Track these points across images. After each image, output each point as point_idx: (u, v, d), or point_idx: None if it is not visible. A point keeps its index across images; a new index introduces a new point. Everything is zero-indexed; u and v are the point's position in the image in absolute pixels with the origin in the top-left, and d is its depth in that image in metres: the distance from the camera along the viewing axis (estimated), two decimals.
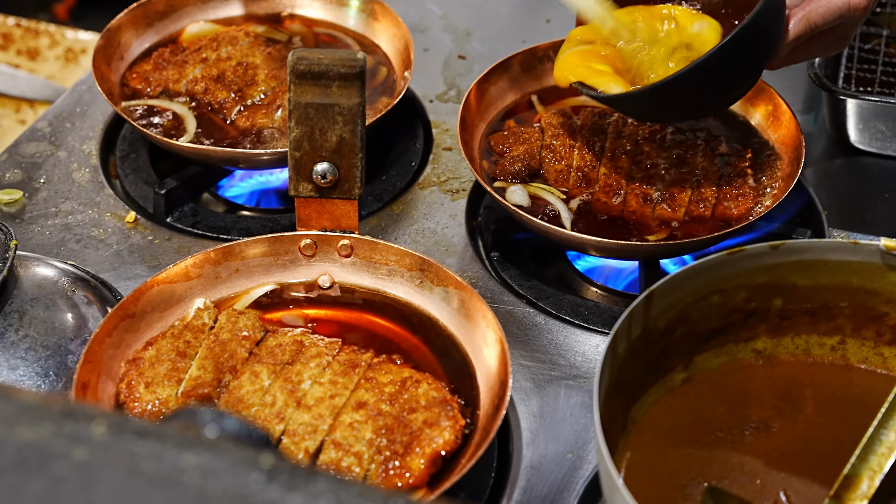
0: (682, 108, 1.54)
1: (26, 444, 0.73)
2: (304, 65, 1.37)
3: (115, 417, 0.76)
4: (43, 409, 0.76)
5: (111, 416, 0.77)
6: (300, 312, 1.48)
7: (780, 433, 1.31)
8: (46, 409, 0.76)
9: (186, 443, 0.75)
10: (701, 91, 1.49)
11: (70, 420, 0.75)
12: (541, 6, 2.21)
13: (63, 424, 0.75)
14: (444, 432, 1.27)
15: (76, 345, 1.40)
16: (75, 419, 0.75)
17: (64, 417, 0.75)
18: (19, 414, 0.75)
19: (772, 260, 1.33)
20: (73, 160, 1.81)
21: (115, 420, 0.76)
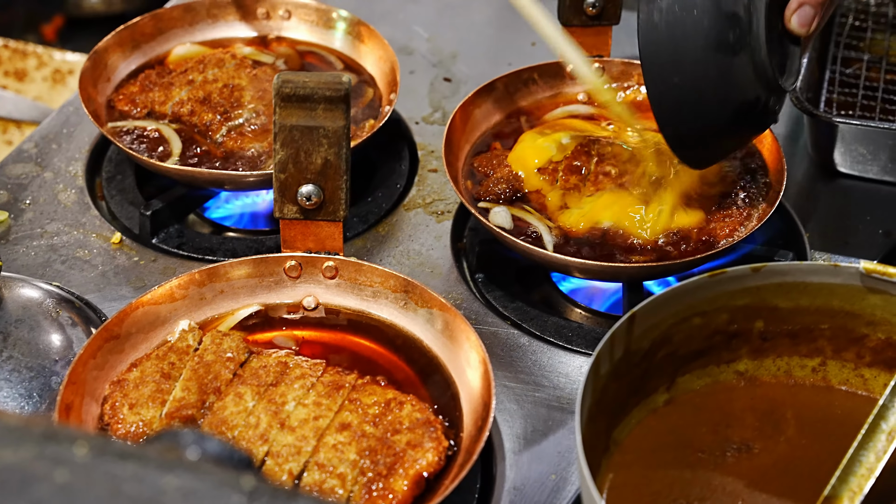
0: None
1: (7, 466, 0.73)
2: (289, 88, 1.38)
3: (96, 439, 0.77)
4: (24, 431, 0.76)
5: (93, 437, 0.77)
6: (285, 333, 1.48)
7: (761, 454, 1.31)
8: (28, 431, 0.76)
9: (168, 465, 0.75)
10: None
11: (51, 442, 0.75)
12: (526, 29, 2.21)
13: (44, 446, 0.75)
14: (427, 454, 1.27)
15: (60, 366, 1.40)
16: (57, 441, 0.75)
17: (45, 439, 0.75)
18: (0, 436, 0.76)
19: (753, 282, 1.34)
20: (60, 181, 1.81)
21: (97, 442, 0.76)
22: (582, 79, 1.71)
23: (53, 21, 4.04)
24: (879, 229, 1.75)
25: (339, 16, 1.98)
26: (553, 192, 1.66)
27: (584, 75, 1.64)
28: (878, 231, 1.75)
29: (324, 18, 2.00)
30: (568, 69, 1.84)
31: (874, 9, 2.10)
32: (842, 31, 2.04)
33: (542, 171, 1.68)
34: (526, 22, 2.07)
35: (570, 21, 1.81)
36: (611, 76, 1.86)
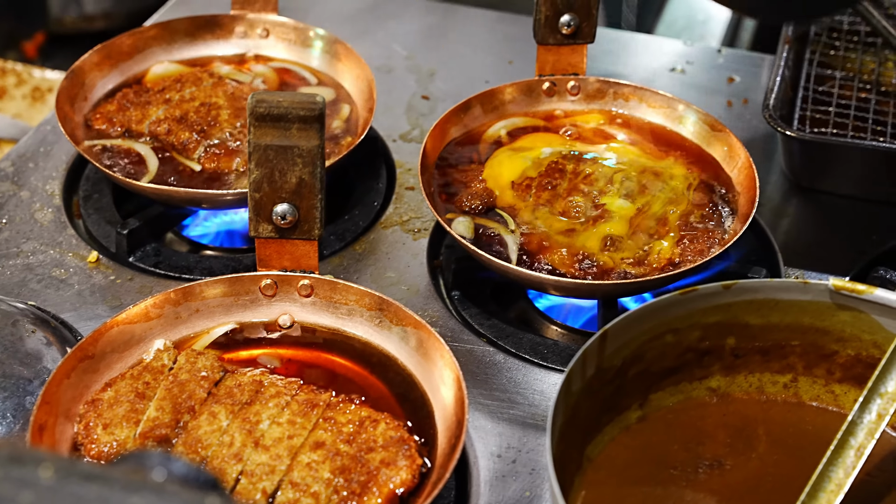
0: None
1: None
2: (263, 107, 1.39)
3: (62, 461, 0.77)
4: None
5: (58, 459, 0.77)
6: (260, 352, 1.49)
7: (733, 470, 1.32)
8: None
9: (133, 486, 0.75)
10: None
11: (17, 465, 0.75)
12: (503, 48, 2.24)
13: (9, 469, 0.75)
14: (400, 472, 1.28)
15: (35, 386, 1.40)
16: (22, 463, 0.76)
17: (10, 462, 0.76)
18: None
19: (724, 299, 1.35)
20: (36, 200, 1.81)
21: (63, 464, 0.77)
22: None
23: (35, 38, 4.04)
24: (852, 245, 1.77)
25: (317, 34, 1.99)
26: (525, 208, 1.67)
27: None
28: (851, 247, 1.76)
29: (301, 37, 2.01)
30: (543, 87, 1.86)
31: (847, 27, 2.12)
32: (815, 50, 2.06)
33: (516, 186, 1.70)
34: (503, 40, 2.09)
35: (545, 39, 1.83)
36: (586, 94, 1.88)
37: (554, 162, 1.74)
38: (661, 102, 1.84)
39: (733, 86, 2.14)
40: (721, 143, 1.77)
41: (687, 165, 1.75)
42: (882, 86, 1.99)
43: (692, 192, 1.69)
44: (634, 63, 2.21)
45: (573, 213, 1.66)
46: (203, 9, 2.22)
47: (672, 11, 3.42)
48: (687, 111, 1.81)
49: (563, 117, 1.87)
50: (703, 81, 2.15)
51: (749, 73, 2.17)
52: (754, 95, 2.10)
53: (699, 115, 1.80)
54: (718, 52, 2.25)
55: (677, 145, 1.80)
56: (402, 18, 2.32)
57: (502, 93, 1.85)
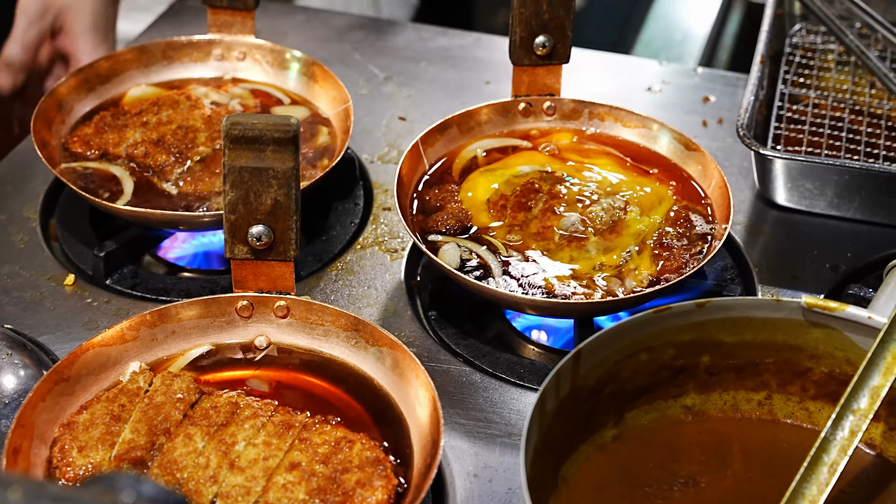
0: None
1: None
2: (237, 129, 1.40)
3: (30, 484, 0.77)
4: None
5: (27, 482, 0.77)
6: (236, 373, 1.49)
7: (708, 488, 1.33)
8: None
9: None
10: None
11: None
12: (480, 69, 2.25)
13: None
14: (376, 492, 1.28)
15: (10, 409, 1.40)
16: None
17: None
18: None
19: (698, 318, 1.36)
20: (13, 223, 1.81)
21: (31, 486, 0.77)
22: None
23: None
24: (826, 263, 1.78)
25: (293, 56, 2.00)
26: (501, 228, 1.68)
27: None
28: (825, 265, 1.78)
29: (278, 59, 2.02)
30: (519, 107, 1.87)
31: (821, 46, 2.14)
32: (789, 69, 2.08)
33: (491, 205, 1.71)
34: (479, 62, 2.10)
35: (520, 60, 1.84)
36: (562, 114, 1.89)
37: (529, 182, 1.75)
38: (635, 122, 1.85)
39: (709, 105, 2.15)
40: (696, 163, 1.78)
41: (662, 184, 1.76)
42: (856, 105, 2.01)
43: (668, 211, 1.70)
44: (610, 83, 2.23)
45: (548, 233, 1.67)
46: (179, 32, 2.23)
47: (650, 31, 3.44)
48: (661, 130, 1.83)
49: (539, 137, 1.88)
50: (678, 101, 2.17)
51: (725, 93, 2.19)
52: (730, 115, 2.12)
53: (673, 134, 1.82)
54: (694, 71, 2.26)
55: (653, 164, 1.81)
56: (379, 41, 2.33)
57: (479, 113, 1.86)
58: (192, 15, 2.37)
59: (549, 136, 1.88)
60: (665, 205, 1.72)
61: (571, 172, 1.78)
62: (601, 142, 1.87)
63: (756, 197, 1.91)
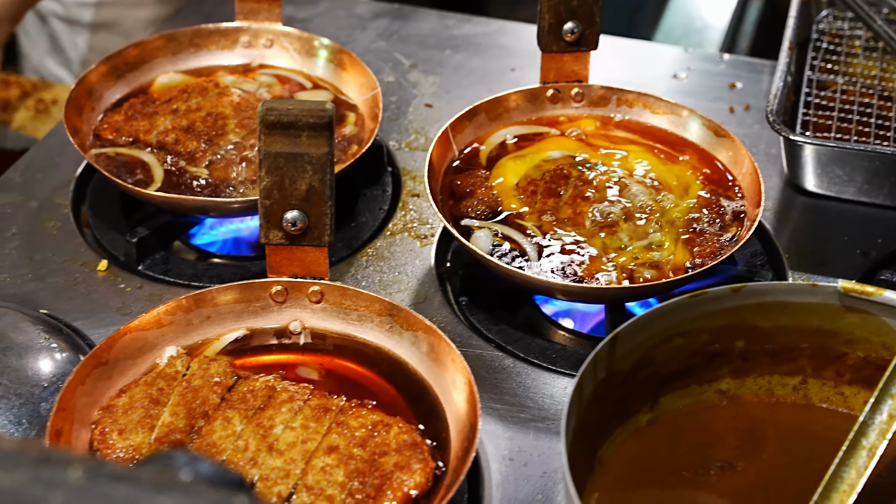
0: None
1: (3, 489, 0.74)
2: (273, 115, 1.40)
3: (90, 462, 0.78)
4: (19, 455, 0.77)
5: (87, 460, 0.78)
6: (271, 358, 1.49)
7: (744, 472, 1.33)
8: (23, 455, 0.77)
9: (161, 486, 0.76)
10: None
11: (46, 465, 0.76)
12: (505, 56, 2.25)
13: (39, 470, 0.76)
14: (414, 475, 1.29)
15: (49, 393, 1.41)
16: (51, 464, 0.76)
17: (40, 463, 0.76)
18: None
19: (733, 302, 1.36)
20: (45, 210, 1.82)
21: (91, 464, 0.77)
22: None
23: None
24: (857, 249, 1.78)
25: (322, 44, 2.01)
26: (531, 214, 1.68)
27: None
28: (855, 251, 1.78)
29: (306, 46, 2.02)
30: (548, 94, 1.87)
31: (848, 32, 2.14)
32: (816, 55, 2.07)
33: (521, 190, 1.71)
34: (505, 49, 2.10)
35: (549, 47, 1.84)
36: (590, 101, 1.89)
37: (559, 168, 1.75)
38: (664, 108, 1.85)
39: (735, 92, 2.15)
40: (725, 149, 1.78)
41: (693, 170, 1.76)
42: (884, 90, 2.00)
43: (699, 198, 1.71)
44: (635, 70, 2.22)
45: (579, 219, 1.67)
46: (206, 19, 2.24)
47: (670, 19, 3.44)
48: (691, 117, 1.83)
49: (567, 123, 1.88)
50: (704, 88, 2.16)
51: (750, 79, 2.18)
52: (756, 101, 2.11)
53: (703, 120, 1.82)
54: (720, 58, 2.26)
55: (682, 151, 1.81)
56: (403, 28, 2.33)
57: (507, 100, 1.87)
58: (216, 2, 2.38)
59: (577, 122, 1.88)
60: (695, 190, 1.72)
61: (601, 158, 1.78)
62: (629, 128, 1.87)
63: (784, 183, 1.91)
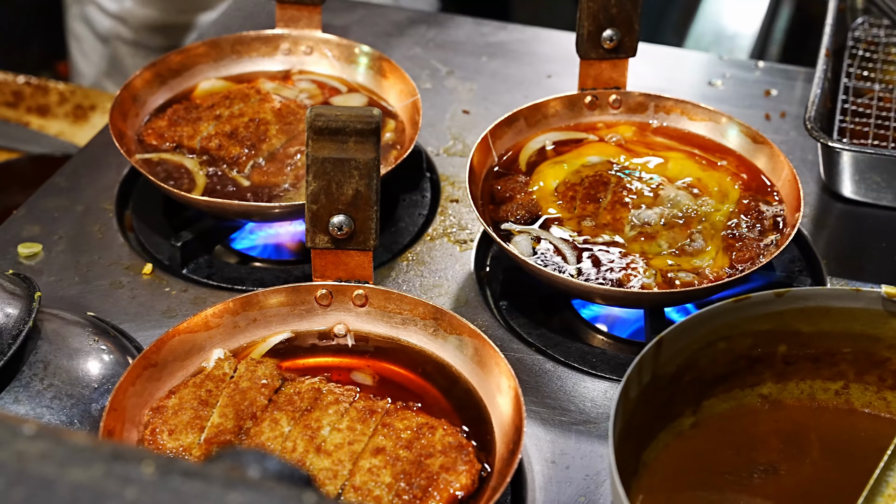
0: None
1: (79, 484, 0.76)
2: (321, 121, 1.42)
3: (162, 459, 0.80)
4: (93, 451, 0.79)
5: (158, 457, 0.80)
6: (316, 360, 1.51)
7: (787, 476, 1.34)
8: (96, 451, 0.79)
9: (231, 483, 0.78)
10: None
11: (120, 461, 0.78)
12: (541, 63, 2.27)
13: (113, 465, 0.78)
14: (461, 476, 1.30)
15: (99, 393, 1.43)
16: (125, 460, 0.78)
17: (114, 459, 0.78)
18: (71, 456, 0.79)
19: (776, 307, 1.38)
20: (90, 214, 1.85)
21: (163, 461, 0.79)
22: None
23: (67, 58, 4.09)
24: (894, 255, 1.78)
25: (362, 51, 2.03)
26: (570, 220, 1.70)
27: None
28: (893, 257, 1.78)
29: (345, 53, 2.04)
30: (586, 101, 1.89)
31: (884, 39, 2.15)
32: (853, 63, 2.08)
33: (562, 197, 1.72)
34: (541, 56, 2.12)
35: (587, 54, 1.86)
36: (627, 108, 1.90)
37: (598, 174, 1.77)
38: (703, 115, 1.87)
39: (770, 99, 2.16)
40: (764, 156, 1.79)
41: (732, 177, 1.77)
42: None
43: (738, 204, 1.72)
44: (671, 77, 2.24)
45: (618, 224, 1.69)
46: (246, 26, 2.26)
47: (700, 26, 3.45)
48: (729, 124, 1.84)
49: (605, 129, 1.89)
50: (740, 95, 2.17)
51: (784, 86, 2.19)
52: (791, 108, 2.12)
53: (741, 127, 1.83)
54: (755, 65, 2.27)
55: (721, 157, 1.82)
56: (440, 35, 2.35)
57: (546, 106, 1.88)
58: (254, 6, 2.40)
59: (615, 128, 1.90)
60: (734, 196, 1.73)
61: (640, 164, 1.79)
62: (667, 135, 1.88)
63: (821, 189, 1.92)
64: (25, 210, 1.84)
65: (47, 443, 0.79)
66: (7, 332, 1.40)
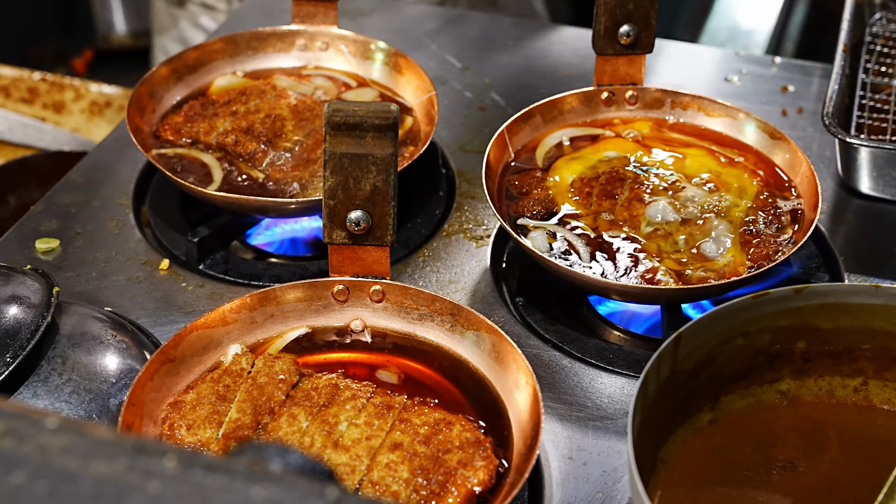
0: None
1: (103, 478, 0.76)
2: (339, 116, 1.42)
3: (184, 452, 0.80)
4: (116, 445, 0.79)
5: (180, 451, 0.80)
6: (333, 356, 1.51)
7: (806, 473, 1.34)
8: (120, 445, 0.79)
9: (254, 476, 0.78)
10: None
11: (143, 455, 0.78)
12: (556, 58, 2.27)
13: (136, 459, 0.78)
14: (478, 472, 1.30)
15: (117, 388, 1.44)
16: (147, 454, 0.79)
17: (136, 452, 0.79)
18: (94, 449, 0.79)
19: (795, 303, 1.37)
20: (107, 210, 1.85)
21: (185, 455, 0.80)
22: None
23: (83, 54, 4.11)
24: None
25: (377, 47, 2.03)
26: (587, 215, 1.69)
27: None
28: None
29: (361, 49, 2.04)
30: (602, 97, 1.88)
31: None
32: (870, 58, 2.07)
33: (578, 193, 1.72)
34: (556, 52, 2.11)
35: (604, 50, 1.85)
36: (644, 104, 1.90)
37: (615, 170, 1.76)
38: (720, 111, 1.86)
39: (787, 95, 2.15)
40: (781, 152, 1.78)
41: (749, 173, 1.77)
42: None
43: (755, 200, 1.71)
44: (687, 73, 2.23)
45: (634, 221, 1.68)
46: (262, 22, 2.27)
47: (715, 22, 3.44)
48: (747, 120, 1.83)
49: (622, 125, 1.89)
50: (756, 91, 2.17)
51: (801, 82, 2.19)
52: (808, 104, 2.12)
53: (759, 123, 1.82)
54: (772, 61, 2.26)
55: (738, 153, 1.81)
56: (454, 31, 2.35)
57: (562, 102, 1.88)
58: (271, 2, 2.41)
59: (632, 124, 1.89)
60: (752, 192, 1.73)
61: (657, 160, 1.79)
62: (684, 131, 1.88)
63: (838, 186, 1.91)
64: (43, 206, 1.85)
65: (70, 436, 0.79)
66: (25, 327, 1.40)
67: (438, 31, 2.35)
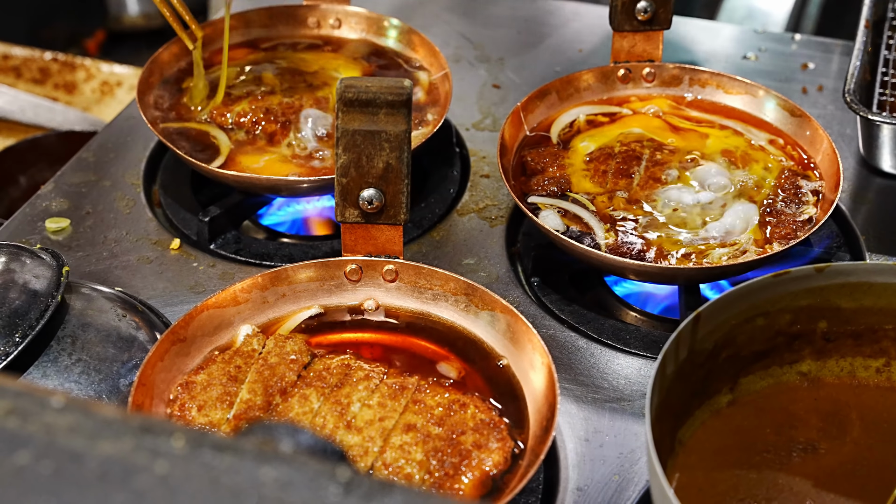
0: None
1: (109, 458, 0.74)
2: (351, 92, 1.40)
3: (192, 432, 0.78)
4: (123, 424, 0.77)
5: (188, 430, 0.78)
6: (346, 336, 1.49)
7: (827, 455, 1.31)
8: (126, 424, 0.77)
9: (264, 456, 0.76)
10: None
11: (150, 434, 0.76)
12: (571, 36, 2.24)
13: (143, 439, 0.76)
14: (493, 454, 1.28)
15: (127, 368, 1.42)
16: (155, 434, 0.77)
17: (143, 432, 0.77)
18: (100, 429, 0.77)
19: (816, 283, 1.34)
20: (118, 189, 1.83)
21: (193, 435, 0.78)
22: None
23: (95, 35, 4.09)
24: None
25: (391, 24, 2.00)
26: (602, 194, 1.67)
27: None
28: None
29: (374, 26, 2.02)
30: (619, 74, 1.85)
31: None
32: (893, 34, 2.03)
33: (594, 171, 1.69)
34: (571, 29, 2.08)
35: (621, 26, 1.82)
36: (661, 81, 1.87)
37: (630, 149, 1.73)
38: (739, 88, 1.83)
39: (807, 72, 2.12)
40: (802, 130, 1.75)
41: (769, 152, 1.74)
42: None
43: (776, 178, 1.68)
44: (706, 50, 2.20)
45: (650, 200, 1.65)
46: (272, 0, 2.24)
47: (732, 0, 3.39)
48: (766, 97, 1.80)
49: (638, 102, 1.86)
50: (776, 68, 2.13)
51: (821, 59, 2.15)
52: (828, 82, 2.08)
53: (779, 100, 1.79)
54: (791, 38, 2.23)
55: (758, 131, 1.78)
56: (469, 9, 2.32)
57: (578, 80, 1.85)
58: None
59: (649, 102, 1.86)
60: (772, 172, 1.70)
61: (675, 137, 1.76)
62: (702, 108, 1.85)
63: (860, 164, 1.88)
64: (53, 185, 1.83)
65: (76, 415, 0.77)
66: (35, 306, 1.39)
67: (452, 7, 2.32)
